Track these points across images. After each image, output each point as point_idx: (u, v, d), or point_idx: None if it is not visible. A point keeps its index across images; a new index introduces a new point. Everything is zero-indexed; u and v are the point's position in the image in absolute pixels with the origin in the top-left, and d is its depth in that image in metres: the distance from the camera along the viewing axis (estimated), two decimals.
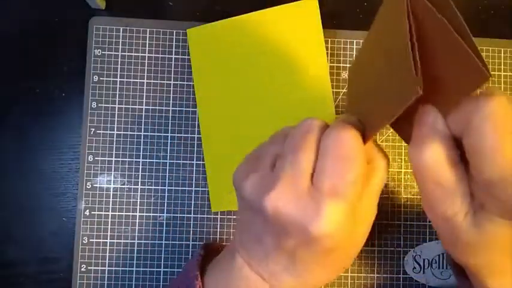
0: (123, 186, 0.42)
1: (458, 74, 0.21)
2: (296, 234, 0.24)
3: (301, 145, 0.25)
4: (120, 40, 0.43)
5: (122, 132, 0.43)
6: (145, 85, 0.43)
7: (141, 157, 0.42)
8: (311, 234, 0.24)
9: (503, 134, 0.20)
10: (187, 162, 0.43)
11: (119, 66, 0.43)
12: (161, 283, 0.42)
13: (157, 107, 0.43)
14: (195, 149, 0.43)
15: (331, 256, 0.26)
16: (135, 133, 0.43)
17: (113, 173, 0.42)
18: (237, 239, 0.30)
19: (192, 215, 0.42)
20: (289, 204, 0.24)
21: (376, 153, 0.26)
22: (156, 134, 0.43)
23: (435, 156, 0.22)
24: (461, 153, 0.23)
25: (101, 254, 0.41)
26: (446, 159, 0.22)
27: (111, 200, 0.42)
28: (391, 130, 0.43)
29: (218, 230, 0.42)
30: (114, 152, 0.42)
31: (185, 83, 0.43)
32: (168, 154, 0.43)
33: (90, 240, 0.41)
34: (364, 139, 0.25)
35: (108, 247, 0.42)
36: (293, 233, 0.25)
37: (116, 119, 0.43)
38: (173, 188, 0.42)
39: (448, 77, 0.22)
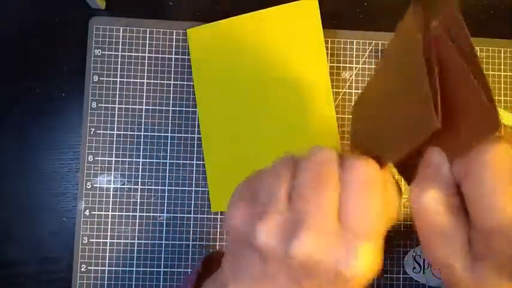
0: (123, 186, 0.42)
1: (470, 120, 0.21)
2: (325, 277, 0.23)
3: (323, 181, 0.23)
4: (120, 40, 0.43)
5: (122, 132, 0.43)
6: (145, 85, 0.43)
7: (141, 157, 0.42)
8: (344, 277, 0.22)
9: (501, 182, 0.20)
10: (187, 162, 0.43)
11: (119, 66, 0.43)
12: (161, 283, 0.42)
13: (157, 107, 0.43)
14: (195, 149, 0.43)
15: None
16: (135, 133, 0.43)
17: (112, 173, 0.42)
18: (230, 276, 0.27)
19: (192, 215, 0.42)
20: (319, 250, 0.22)
21: (390, 183, 0.25)
22: (156, 134, 0.43)
23: (435, 201, 0.22)
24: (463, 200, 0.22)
25: (101, 254, 0.41)
26: (446, 205, 0.22)
27: (111, 200, 0.42)
28: None
29: (218, 230, 0.42)
30: (114, 152, 0.42)
31: (185, 83, 0.43)
32: (168, 154, 0.43)
33: (90, 240, 0.41)
34: None
35: (108, 247, 0.42)
36: (321, 276, 0.23)
37: (116, 119, 0.43)
38: (173, 188, 0.42)
39: (459, 122, 0.21)
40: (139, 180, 0.42)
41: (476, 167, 0.20)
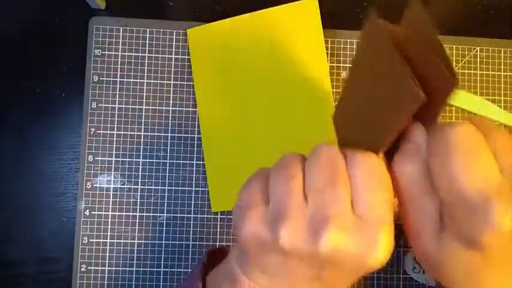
0: (123, 186, 0.42)
1: (432, 84, 0.23)
2: (348, 267, 0.24)
3: (335, 176, 0.24)
4: (120, 40, 0.43)
5: (122, 132, 0.43)
6: (145, 85, 0.43)
7: (141, 157, 0.42)
8: (367, 265, 0.24)
9: (460, 161, 0.22)
10: (187, 162, 0.43)
11: (119, 66, 0.43)
12: (161, 283, 0.42)
13: (157, 107, 0.43)
14: (195, 149, 0.43)
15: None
16: (135, 133, 0.43)
17: (112, 173, 0.42)
18: (243, 268, 0.27)
19: (192, 215, 0.42)
20: (345, 244, 0.23)
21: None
22: (156, 134, 0.43)
23: (412, 175, 0.24)
24: None
25: (101, 254, 0.41)
26: (422, 179, 0.24)
27: (111, 200, 0.42)
28: None
29: (218, 230, 0.42)
30: (114, 152, 0.42)
31: (185, 83, 0.43)
32: (168, 154, 0.43)
33: (90, 240, 0.41)
34: None
35: (108, 247, 0.42)
36: (345, 267, 0.24)
37: (116, 119, 0.43)
38: (173, 188, 0.42)
39: (429, 91, 0.23)
40: (139, 180, 0.42)
41: (439, 146, 0.23)
